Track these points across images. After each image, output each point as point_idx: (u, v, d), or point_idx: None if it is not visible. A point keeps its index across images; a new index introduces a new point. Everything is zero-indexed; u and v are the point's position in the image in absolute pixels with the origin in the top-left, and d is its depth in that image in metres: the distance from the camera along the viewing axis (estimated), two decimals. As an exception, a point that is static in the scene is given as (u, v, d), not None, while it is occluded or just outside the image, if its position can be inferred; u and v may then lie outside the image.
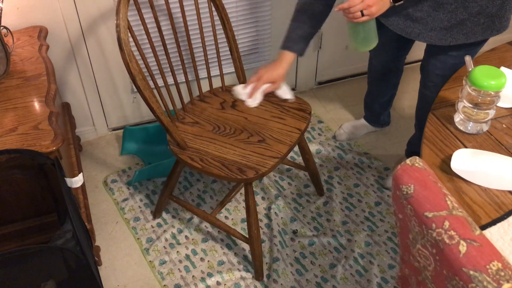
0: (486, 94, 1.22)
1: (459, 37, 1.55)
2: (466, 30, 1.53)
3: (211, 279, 1.78)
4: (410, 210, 0.90)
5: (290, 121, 1.69)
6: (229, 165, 1.54)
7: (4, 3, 1.75)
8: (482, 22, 1.51)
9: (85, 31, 2.01)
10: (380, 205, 2.03)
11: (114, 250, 1.89)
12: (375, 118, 2.30)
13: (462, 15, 1.49)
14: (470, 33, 1.53)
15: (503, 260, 0.77)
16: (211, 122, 1.71)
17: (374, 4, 1.42)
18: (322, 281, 1.77)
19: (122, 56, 1.43)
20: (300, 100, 1.77)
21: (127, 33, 1.43)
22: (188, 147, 1.62)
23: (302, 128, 1.66)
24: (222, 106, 1.78)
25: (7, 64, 1.63)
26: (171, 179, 1.81)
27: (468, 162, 1.17)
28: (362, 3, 1.42)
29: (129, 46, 1.43)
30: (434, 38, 1.57)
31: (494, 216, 1.07)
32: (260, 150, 1.59)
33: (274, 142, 1.61)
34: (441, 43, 1.58)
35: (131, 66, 1.44)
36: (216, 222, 1.79)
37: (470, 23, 1.51)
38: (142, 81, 1.47)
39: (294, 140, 1.62)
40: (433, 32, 1.56)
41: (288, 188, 2.10)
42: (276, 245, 1.87)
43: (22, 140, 1.40)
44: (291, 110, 1.73)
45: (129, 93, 2.28)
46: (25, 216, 1.63)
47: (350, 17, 1.45)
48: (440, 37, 1.56)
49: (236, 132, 1.66)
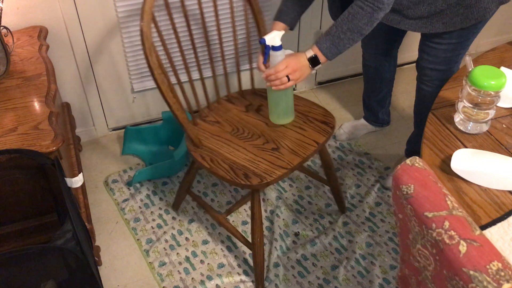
0: (486, 94, 1.22)
1: (438, 25, 1.60)
2: (445, 19, 1.58)
3: (211, 282, 1.77)
4: (410, 210, 0.90)
5: (310, 133, 1.65)
6: (236, 169, 1.54)
7: (4, 3, 1.75)
8: (461, 13, 1.55)
9: (85, 31, 2.01)
10: (381, 205, 2.03)
11: (114, 250, 1.88)
12: (374, 117, 2.30)
13: (441, 6, 1.55)
14: (449, 22, 1.58)
15: (503, 260, 0.77)
16: (231, 124, 1.71)
17: (297, 70, 1.52)
18: (324, 283, 1.77)
19: (143, 49, 1.44)
20: (326, 112, 1.72)
21: (150, 27, 1.43)
22: (202, 146, 1.62)
23: (321, 142, 1.61)
24: (246, 108, 1.77)
25: (7, 64, 1.63)
26: (189, 174, 1.82)
27: (468, 162, 1.17)
28: (287, 68, 1.51)
29: (150, 40, 1.43)
30: (414, 26, 1.64)
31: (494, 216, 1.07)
32: (271, 158, 1.57)
33: (288, 152, 1.59)
34: (421, 31, 1.64)
35: (150, 60, 1.44)
36: (225, 224, 1.79)
37: (450, 12, 1.56)
38: (160, 75, 1.47)
39: (308, 153, 1.58)
40: (413, 20, 1.62)
41: (289, 190, 2.09)
42: (277, 250, 1.87)
43: (22, 140, 1.40)
44: (315, 121, 1.69)
45: (129, 93, 2.28)
46: (25, 216, 1.62)
47: (277, 83, 1.53)
48: (420, 25, 1.62)
49: (253, 137, 1.65)
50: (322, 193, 2.08)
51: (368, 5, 1.40)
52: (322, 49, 1.48)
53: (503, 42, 1.69)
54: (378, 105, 2.25)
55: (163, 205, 2.04)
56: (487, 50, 1.63)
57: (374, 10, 1.41)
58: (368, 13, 1.41)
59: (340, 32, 1.45)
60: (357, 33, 1.44)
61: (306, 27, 2.38)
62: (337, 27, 1.46)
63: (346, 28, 1.44)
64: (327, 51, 1.48)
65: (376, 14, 1.42)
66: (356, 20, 1.42)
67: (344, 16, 1.44)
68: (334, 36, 1.46)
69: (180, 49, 1.63)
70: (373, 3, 1.40)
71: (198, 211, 2.02)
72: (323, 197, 2.06)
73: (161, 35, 1.56)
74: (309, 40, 2.44)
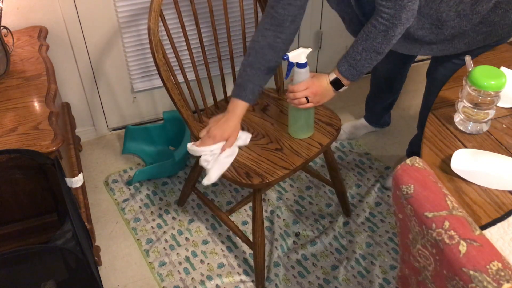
0: (486, 94, 1.22)
1: (460, 46, 1.53)
2: (468, 39, 1.51)
3: (211, 282, 1.77)
4: (410, 210, 0.90)
5: (315, 134, 1.64)
6: (238, 167, 1.54)
7: (4, 3, 1.75)
8: (484, 31, 1.48)
9: (85, 31, 2.01)
10: (381, 205, 2.02)
11: (114, 250, 1.88)
12: (376, 119, 2.30)
13: (465, 27, 1.46)
14: (472, 42, 1.51)
15: (503, 260, 0.77)
16: None
17: (318, 94, 1.48)
18: (325, 283, 1.77)
19: (150, 45, 1.44)
20: (332, 114, 1.71)
21: (157, 24, 1.43)
22: None
23: (325, 144, 1.61)
24: (253, 108, 1.77)
25: (7, 64, 1.63)
26: (194, 170, 1.82)
27: (468, 162, 1.17)
28: (307, 90, 1.47)
29: (157, 36, 1.43)
30: (435, 50, 1.56)
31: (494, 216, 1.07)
32: (274, 159, 1.56)
33: (291, 153, 1.58)
34: (443, 53, 1.57)
35: (156, 56, 1.44)
36: (228, 222, 1.79)
37: (472, 32, 1.48)
38: (166, 72, 1.47)
39: (311, 154, 1.57)
40: (435, 45, 1.54)
41: (290, 190, 2.09)
42: (277, 249, 1.87)
43: (22, 140, 1.40)
44: (320, 123, 1.68)
45: (129, 93, 2.28)
46: (25, 216, 1.62)
47: (295, 102, 1.50)
48: (441, 49, 1.55)
49: (258, 136, 1.65)
50: (323, 193, 2.08)
51: (382, 23, 1.33)
52: (342, 72, 1.45)
53: (503, 42, 1.69)
54: (383, 110, 2.24)
55: (163, 205, 2.04)
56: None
57: (389, 28, 1.33)
58: (382, 31, 1.34)
59: (356, 53, 1.40)
60: (373, 52, 1.38)
61: (306, 27, 2.38)
62: (353, 47, 1.41)
63: (361, 48, 1.39)
64: (347, 73, 1.44)
65: (391, 32, 1.34)
66: (370, 40, 1.37)
67: (359, 35, 1.39)
68: (351, 58, 1.42)
69: (188, 47, 1.63)
70: (389, 20, 1.32)
71: (198, 211, 2.02)
72: (324, 198, 2.06)
73: (169, 33, 1.56)
74: (309, 40, 2.44)
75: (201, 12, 2.05)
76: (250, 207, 2.02)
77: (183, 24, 1.58)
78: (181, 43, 2.10)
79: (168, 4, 1.97)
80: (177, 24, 2.02)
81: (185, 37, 1.61)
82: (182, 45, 2.10)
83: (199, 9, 2.05)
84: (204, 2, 2.04)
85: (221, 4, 2.06)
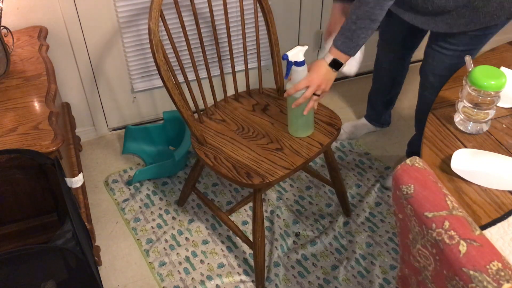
0: (486, 94, 1.22)
1: (442, 25, 1.56)
2: (450, 20, 1.53)
3: (211, 282, 1.77)
4: (410, 210, 0.90)
5: (315, 134, 1.64)
6: (239, 167, 1.54)
7: (4, 3, 1.75)
8: (466, 15, 1.50)
9: (85, 31, 2.01)
10: (381, 205, 2.02)
11: (114, 250, 1.88)
12: (376, 117, 2.30)
13: (449, 8, 1.49)
14: (453, 23, 1.54)
15: (503, 260, 0.77)
16: (237, 122, 1.71)
17: (322, 83, 1.49)
18: (325, 283, 1.77)
19: (150, 45, 1.44)
20: (333, 113, 1.71)
21: (158, 24, 1.43)
22: (206, 143, 1.63)
23: (325, 143, 1.60)
24: (253, 108, 1.77)
25: (7, 64, 1.63)
26: (194, 170, 1.83)
27: (468, 162, 1.17)
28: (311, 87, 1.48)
29: (158, 36, 1.43)
30: (417, 20, 1.59)
31: (494, 216, 1.07)
32: (274, 159, 1.56)
33: (291, 152, 1.58)
34: (423, 27, 1.60)
35: (157, 56, 1.44)
36: (228, 222, 1.79)
37: (456, 13, 1.51)
38: (166, 72, 1.47)
39: (312, 154, 1.57)
40: (418, 14, 1.57)
41: (290, 190, 2.09)
42: (277, 249, 1.87)
43: (22, 140, 1.40)
44: (320, 123, 1.68)
45: (129, 93, 2.28)
46: (25, 216, 1.62)
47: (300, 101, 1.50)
48: (423, 21, 1.58)
49: (258, 136, 1.65)
50: (322, 193, 2.08)
51: None
52: (337, 46, 1.45)
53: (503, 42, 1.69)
54: (384, 106, 2.24)
55: (163, 205, 2.04)
56: (487, 50, 1.62)
57: None
58: None
59: (350, 23, 1.41)
60: (367, 19, 1.39)
61: (306, 27, 2.38)
62: (347, 19, 1.42)
63: (355, 17, 1.39)
64: (343, 46, 1.44)
65: None
66: (363, 6, 1.37)
67: (352, 5, 1.40)
68: (346, 29, 1.42)
69: (188, 47, 1.63)
70: None
71: (198, 211, 2.02)
72: (324, 197, 2.06)
73: (169, 33, 1.56)
74: (309, 40, 2.44)
75: (201, 12, 2.06)
76: (250, 207, 2.02)
77: (183, 24, 1.58)
78: (181, 43, 2.10)
79: (168, 4, 1.97)
80: (177, 24, 2.03)
81: (185, 37, 1.61)
82: (182, 45, 2.10)
83: (199, 9, 2.05)
84: (204, 2, 2.04)
85: (221, 4, 2.07)
